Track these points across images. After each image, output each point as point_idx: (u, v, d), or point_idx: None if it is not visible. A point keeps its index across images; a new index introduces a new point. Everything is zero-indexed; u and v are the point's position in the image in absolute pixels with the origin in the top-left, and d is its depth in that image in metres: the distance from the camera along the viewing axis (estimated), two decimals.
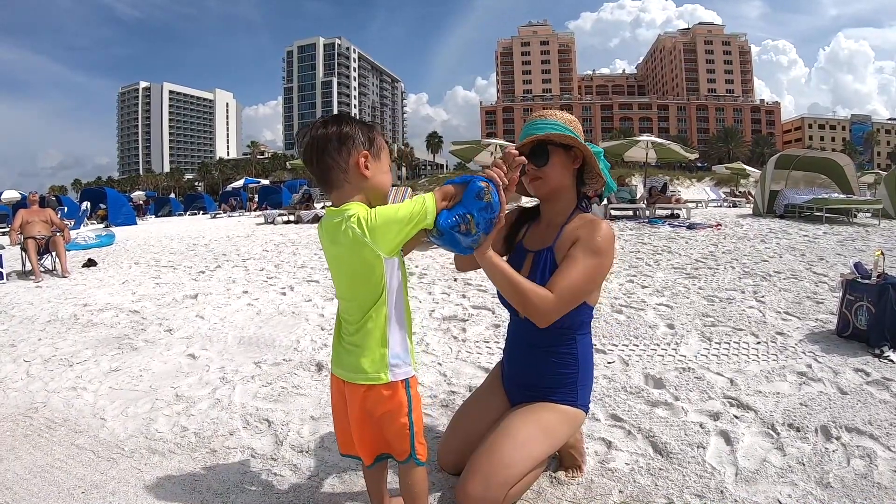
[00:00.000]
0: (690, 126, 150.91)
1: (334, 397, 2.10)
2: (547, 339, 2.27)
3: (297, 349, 4.67)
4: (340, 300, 2.02)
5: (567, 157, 2.30)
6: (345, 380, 1.97)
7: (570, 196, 2.36)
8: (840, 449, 2.73)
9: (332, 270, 2.01)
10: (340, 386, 2.01)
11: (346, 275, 1.95)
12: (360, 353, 1.92)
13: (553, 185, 2.32)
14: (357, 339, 1.93)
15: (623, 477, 2.54)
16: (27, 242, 9.65)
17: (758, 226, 13.80)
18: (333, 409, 2.13)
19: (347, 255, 1.87)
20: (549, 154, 2.28)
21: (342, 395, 2.02)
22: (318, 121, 1.96)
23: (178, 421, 3.35)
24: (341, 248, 1.87)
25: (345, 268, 1.93)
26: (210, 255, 11.48)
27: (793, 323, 4.93)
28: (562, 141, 2.26)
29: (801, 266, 7.81)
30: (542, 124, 2.32)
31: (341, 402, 2.04)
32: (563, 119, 2.34)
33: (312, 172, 2.00)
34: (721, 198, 33.01)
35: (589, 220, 2.24)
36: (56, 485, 2.67)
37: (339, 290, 2.01)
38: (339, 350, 2.01)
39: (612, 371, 3.89)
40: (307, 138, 1.95)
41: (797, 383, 3.56)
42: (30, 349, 5.04)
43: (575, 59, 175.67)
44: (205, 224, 24.21)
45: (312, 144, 1.93)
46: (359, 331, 1.92)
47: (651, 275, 7.40)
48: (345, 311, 2.00)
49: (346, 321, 1.99)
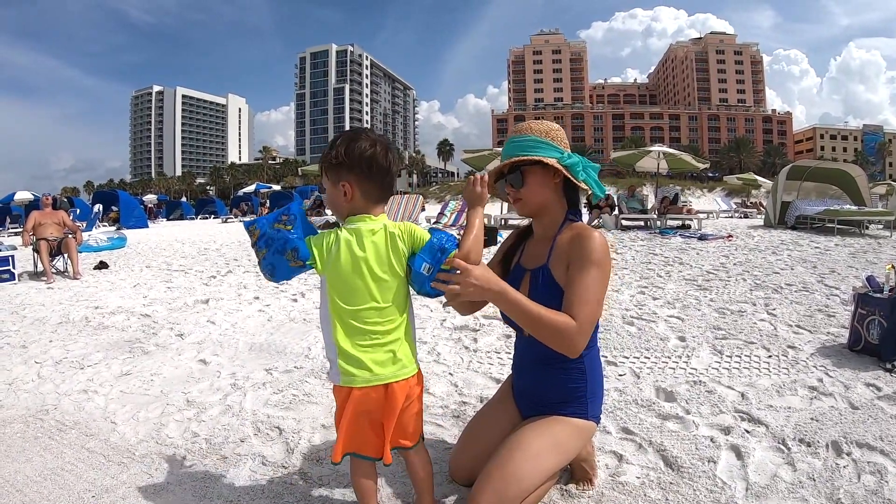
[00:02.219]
0: (702, 135, 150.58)
1: (365, 405, 2.05)
2: (553, 356, 2.24)
3: (308, 356, 4.67)
4: (368, 310, 2.04)
5: (545, 173, 2.30)
6: (389, 382, 2.03)
7: (558, 208, 2.36)
8: (851, 465, 2.71)
9: (361, 280, 2.04)
10: (378, 392, 2.04)
11: (388, 280, 2.07)
12: (399, 350, 2.07)
13: (534, 205, 2.35)
14: (394, 340, 2.07)
15: (634, 491, 2.53)
16: (39, 244, 9.70)
17: (769, 237, 13.76)
18: (356, 420, 2.07)
19: (397, 261, 2.07)
20: (523, 175, 2.30)
21: (379, 400, 2.04)
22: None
23: (188, 426, 3.36)
24: (386, 255, 2.07)
25: (388, 273, 2.07)
26: (221, 260, 11.53)
27: (804, 336, 4.90)
28: (530, 162, 2.28)
29: (812, 278, 7.77)
30: (516, 141, 2.34)
31: (376, 408, 2.05)
32: (538, 132, 2.33)
33: (392, 179, 2.15)
34: (732, 208, 32.97)
35: (578, 233, 2.22)
36: (67, 488, 2.68)
37: (369, 298, 2.04)
38: (371, 358, 2.03)
39: (623, 384, 3.87)
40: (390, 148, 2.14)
41: (808, 398, 3.53)
42: (41, 351, 5.07)
43: (586, 67, 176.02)
44: (216, 228, 24.33)
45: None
46: (395, 330, 2.08)
47: (662, 286, 7.38)
48: (373, 316, 2.04)
49: (374, 327, 2.04)
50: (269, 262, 2.04)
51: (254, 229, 2.08)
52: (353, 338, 2.03)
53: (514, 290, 2.09)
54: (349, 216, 2.10)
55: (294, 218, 2.06)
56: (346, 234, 2.05)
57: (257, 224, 2.08)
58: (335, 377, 2.07)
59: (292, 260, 2.02)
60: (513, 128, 2.43)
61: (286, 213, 2.07)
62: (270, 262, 2.03)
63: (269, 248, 2.02)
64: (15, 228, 28.01)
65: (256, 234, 2.06)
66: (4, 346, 5.27)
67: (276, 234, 2.02)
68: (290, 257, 2.01)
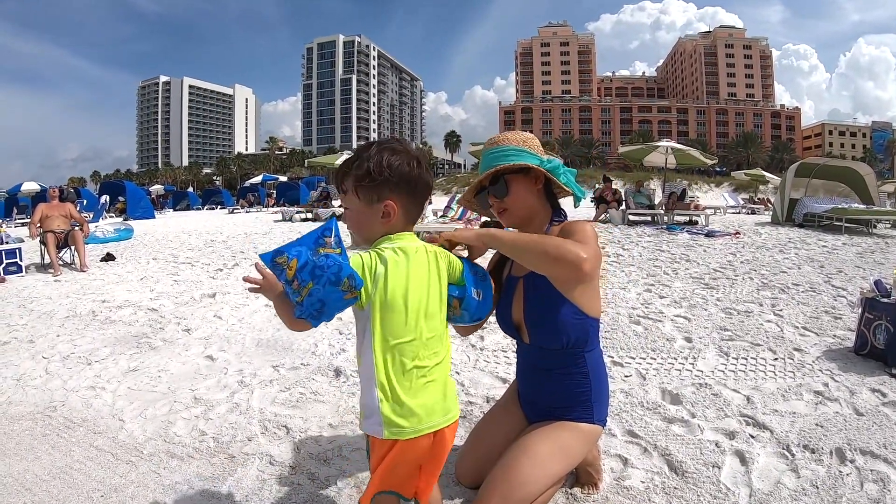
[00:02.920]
0: (710, 130, 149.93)
1: (412, 454, 1.79)
2: (555, 362, 2.28)
3: (314, 353, 4.68)
4: (416, 342, 1.79)
5: (528, 180, 2.30)
6: (440, 428, 1.81)
7: (543, 214, 2.36)
8: (854, 472, 2.71)
9: (412, 308, 1.78)
10: (427, 440, 1.79)
11: (437, 306, 1.89)
12: (448, 387, 1.88)
13: (521, 212, 2.33)
14: (442, 375, 1.86)
15: (638, 495, 2.54)
16: (46, 236, 9.71)
17: (776, 235, 13.74)
18: (393, 470, 1.79)
19: (442, 285, 1.92)
20: (507, 184, 2.28)
21: (426, 448, 1.80)
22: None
23: (196, 424, 3.38)
24: (436, 278, 1.90)
25: (438, 298, 1.89)
26: (228, 253, 11.54)
27: (810, 339, 4.90)
28: (514, 169, 2.27)
29: (819, 279, 7.76)
30: (494, 153, 2.33)
31: (422, 455, 1.81)
32: (515, 141, 2.34)
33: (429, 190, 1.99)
34: (740, 204, 32.81)
35: (564, 227, 2.24)
36: (75, 487, 2.70)
37: (416, 329, 1.79)
38: (421, 404, 1.77)
39: (629, 385, 3.88)
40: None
41: (813, 402, 3.54)
42: (48, 346, 5.10)
43: (594, 60, 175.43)
44: (222, 219, 24.30)
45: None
46: (443, 363, 1.87)
47: (669, 284, 7.38)
48: (422, 349, 1.80)
49: (423, 362, 1.79)
50: (317, 300, 1.62)
51: (286, 260, 1.62)
52: (401, 378, 1.75)
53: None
54: (383, 237, 1.87)
55: (338, 239, 1.71)
56: (391, 254, 1.78)
57: (289, 252, 1.63)
58: (374, 429, 1.75)
59: (349, 290, 1.65)
60: (490, 139, 2.44)
61: (328, 233, 1.70)
62: (320, 297, 1.62)
63: (317, 281, 1.60)
64: (22, 219, 28.09)
65: (294, 266, 1.61)
66: (12, 340, 5.30)
67: (325, 260, 1.62)
68: (347, 287, 1.64)
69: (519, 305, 2.33)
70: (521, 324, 2.34)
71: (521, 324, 2.34)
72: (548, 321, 2.18)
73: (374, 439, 1.78)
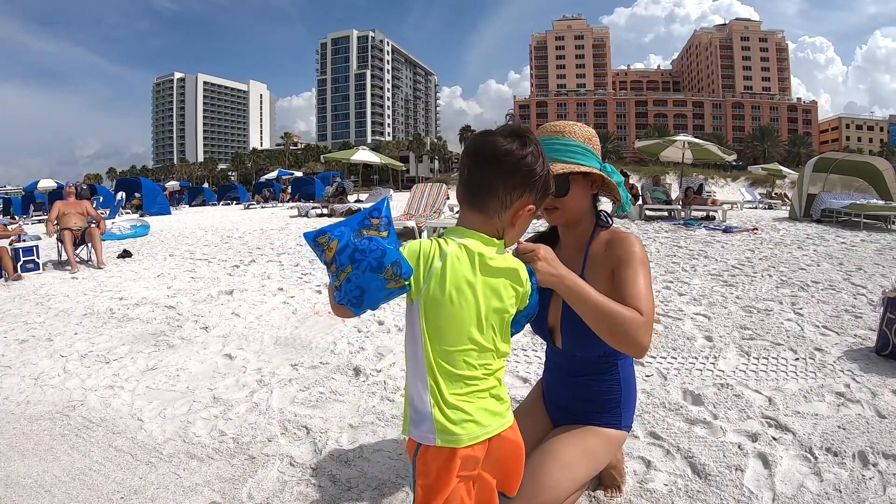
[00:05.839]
0: (726, 124, 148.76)
1: (471, 466, 1.63)
2: (588, 369, 2.22)
3: (333, 352, 4.67)
4: (478, 353, 1.60)
5: (587, 182, 2.17)
6: (501, 430, 1.64)
7: (590, 217, 2.24)
8: (877, 476, 2.67)
9: (468, 310, 1.57)
10: (482, 448, 1.62)
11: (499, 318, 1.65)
12: (502, 391, 1.68)
13: (573, 214, 2.19)
14: (494, 385, 1.65)
15: (661, 499, 2.52)
16: (63, 234, 9.81)
17: (794, 230, 13.63)
18: (455, 490, 1.61)
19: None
20: (569, 184, 2.12)
21: (483, 455, 1.64)
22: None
23: (216, 425, 3.38)
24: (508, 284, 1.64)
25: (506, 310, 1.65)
26: (244, 249, 11.55)
27: (831, 338, 4.83)
28: (586, 171, 2.13)
29: (839, 276, 7.67)
30: (561, 144, 2.14)
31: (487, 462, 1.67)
32: (581, 137, 2.16)
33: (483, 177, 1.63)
34: (757, 199, 32.57)
35: (614, 237, 2.14)
36: (95, 489, 2.70)
37: (483, 338, 1.60)
38: (487, 405, 1.61)
39: (650, 385, 3.84)
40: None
41: (835, 404, 3.49)
42: (66, 344, 5.12)
43: (609, 53, 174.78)
44: (238, 215, 24.39)
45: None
46: (497, 372, 1.66)
47: (688, 281, 7.32)
48: (484, 356, 1.61)
49: (472, 371, 1.59)
50: (355, 286, 1.50)
51: (327, 241, 1.50)
52: (452, 385, 1.57)
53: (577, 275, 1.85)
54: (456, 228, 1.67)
55: (387, 221, 1.54)
56: (454, 247, 1.58)
57: (332, 232, 1.51)
58: (425, 436, 1.57)
59: (393, 279, 1.50)
60: (552, 125, 2.23)
61: (376, 214, 1.54)
62: (359, 284, 1.49)
63: (356, 265, 1.48)
64: (39, 216, 28.31)
65: (334, 248, 1.49)
66: (30, 338, 5.34)
67: (367, 243, 1.48)
68: (391, 275, 1.49)
69: (556, 310, 2.23)
70: (556, 329, 2.25)
71: (555, 329, 2.26)
72: (585, 331, 2.06)
73: (427, 449, 1.58)
